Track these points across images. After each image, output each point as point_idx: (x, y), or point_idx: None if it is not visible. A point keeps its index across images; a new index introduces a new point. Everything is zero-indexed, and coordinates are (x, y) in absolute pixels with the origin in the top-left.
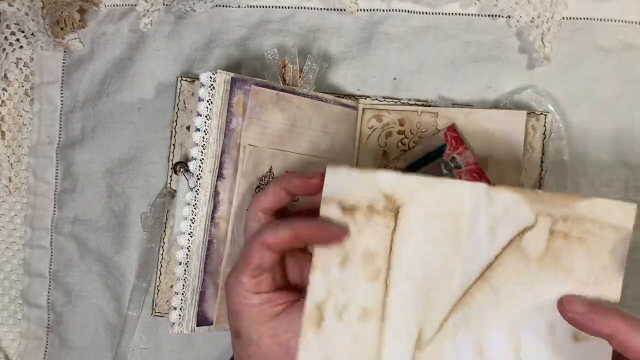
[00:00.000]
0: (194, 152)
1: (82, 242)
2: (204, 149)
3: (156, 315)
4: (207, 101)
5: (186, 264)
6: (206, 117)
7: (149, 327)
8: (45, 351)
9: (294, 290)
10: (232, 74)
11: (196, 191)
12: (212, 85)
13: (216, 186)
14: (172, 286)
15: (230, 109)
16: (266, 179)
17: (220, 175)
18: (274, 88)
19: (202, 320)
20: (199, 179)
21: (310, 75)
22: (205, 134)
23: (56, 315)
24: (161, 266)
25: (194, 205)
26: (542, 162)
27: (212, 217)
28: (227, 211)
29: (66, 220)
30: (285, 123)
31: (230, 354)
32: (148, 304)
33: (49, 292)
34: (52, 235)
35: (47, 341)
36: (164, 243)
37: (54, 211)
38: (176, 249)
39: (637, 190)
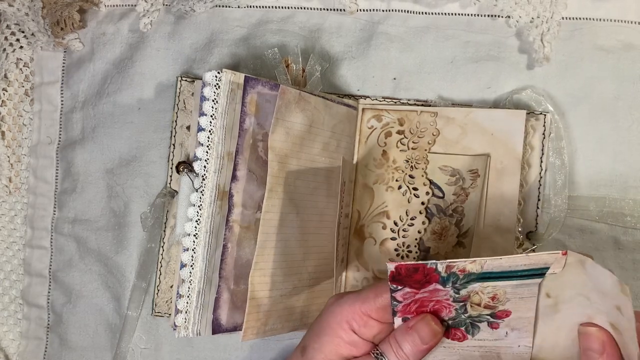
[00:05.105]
0: (199, 152)
1: (82, 242)
2: (209, 149)
3: (156, 315)
4: (213, 100)
5: (191, 266)
6: (211, 116)
7: (149, 327)
8: (45, 351)
9: (369, 344)
10: (243, 73)
11: (201, 192)
12: (217, 84)
13: (230, 188)
14: (172, 286)
15: (243, 108)
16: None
17: (234, 177)
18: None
19: (217, 327)
20: (204, 179)
21: (317, 74)
22: (211, 134)
23: (56, 315)
24: (161, 266)
25: (199, 207)
26: (541, 161)
27: (227, 221)
28: (242, 214)
29: (66, 220)
30: (304, 124)
31: (229, 353)
32: (148, 304)
33: (49, 292)
34: (52, 235)
35: (47, 341)
36: (163, 243)
37: (54, 211)
38: (177, 249)
39: (637, 190)
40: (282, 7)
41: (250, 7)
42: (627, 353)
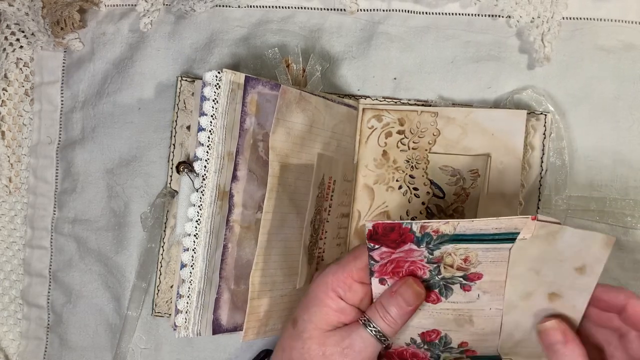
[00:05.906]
0: (200, 152)
1: (82, 242)
2: (209, 149)
3: (156, 315)
4: (213, 100)
5: (192, 266)
6: (212, 116)
7: (149, 327)
8: (45, 351)
9: (356, 310)
10: (243, 73)
11: (202, 192)
12: (217, 84)
13: (230, 188)
14: (172, 286)
15: (244, 108)
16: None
17: (234, 177)
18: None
19: (217, 327)
20: (204, 179)
21: (317, 74)
22: (211, 134)
23: (56, 315)
24: (161, 266)
25: (199, 207)
26: (542, 161)
27: (227, 221)
28: (242, 214)
29: (66, 220)
30: (305, 124)
31: (229, 353)
32: (148, 304)
33: (49, 292)
34: (52, 235)
35: (47, 341)
36: (163, 243)
37: (54, 211)
38: (178, 249)
39: (637, 190)
40: (283, 7)
41: (251, 7)
42: (572, 304)
